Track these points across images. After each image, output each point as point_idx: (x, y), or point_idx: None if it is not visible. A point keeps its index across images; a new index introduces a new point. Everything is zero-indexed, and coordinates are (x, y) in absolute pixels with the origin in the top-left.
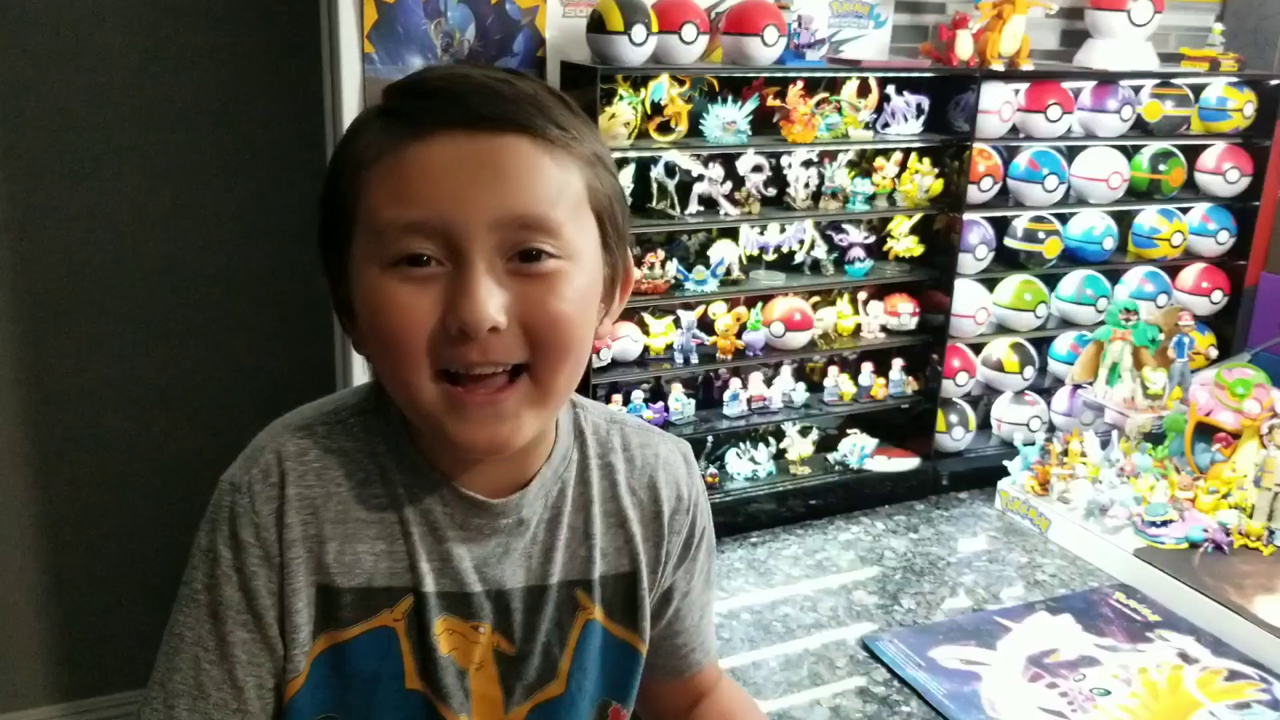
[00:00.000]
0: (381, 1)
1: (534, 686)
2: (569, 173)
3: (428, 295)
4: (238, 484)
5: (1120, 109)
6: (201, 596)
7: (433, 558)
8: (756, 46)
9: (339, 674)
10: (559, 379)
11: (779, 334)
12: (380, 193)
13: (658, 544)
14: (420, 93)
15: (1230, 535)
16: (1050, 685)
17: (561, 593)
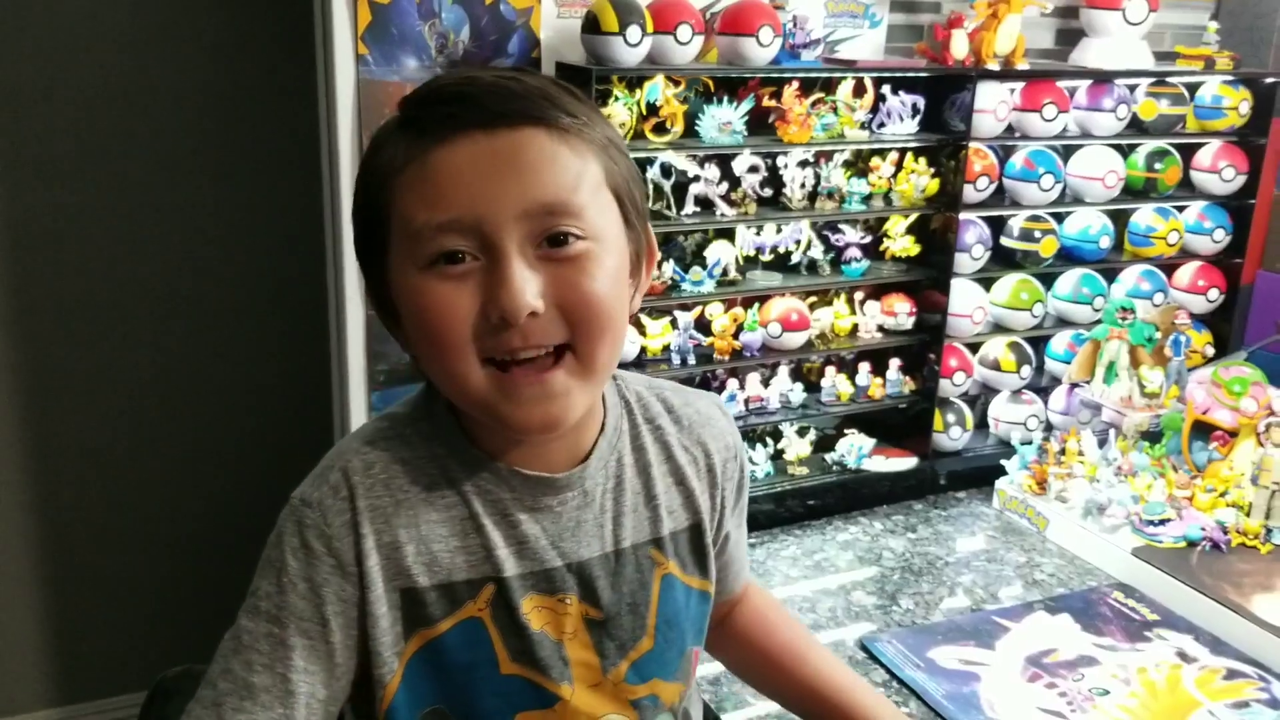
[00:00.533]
0: (375, 3)
1: (627, 645)
2: (585, 158)
3: (466, 290)
4: (308, 500)
5: (1116, 108)
6: (263, 604)
7: (509, 543)
8: (752, 47)
9: (436, 669)
10: (600, 354)
11: (776, 334)
12: (411, 198)
13: (713, 494)
14: (436, 100)
15: (1228, 534)
16: (1049, 685)
17: (637, 554)
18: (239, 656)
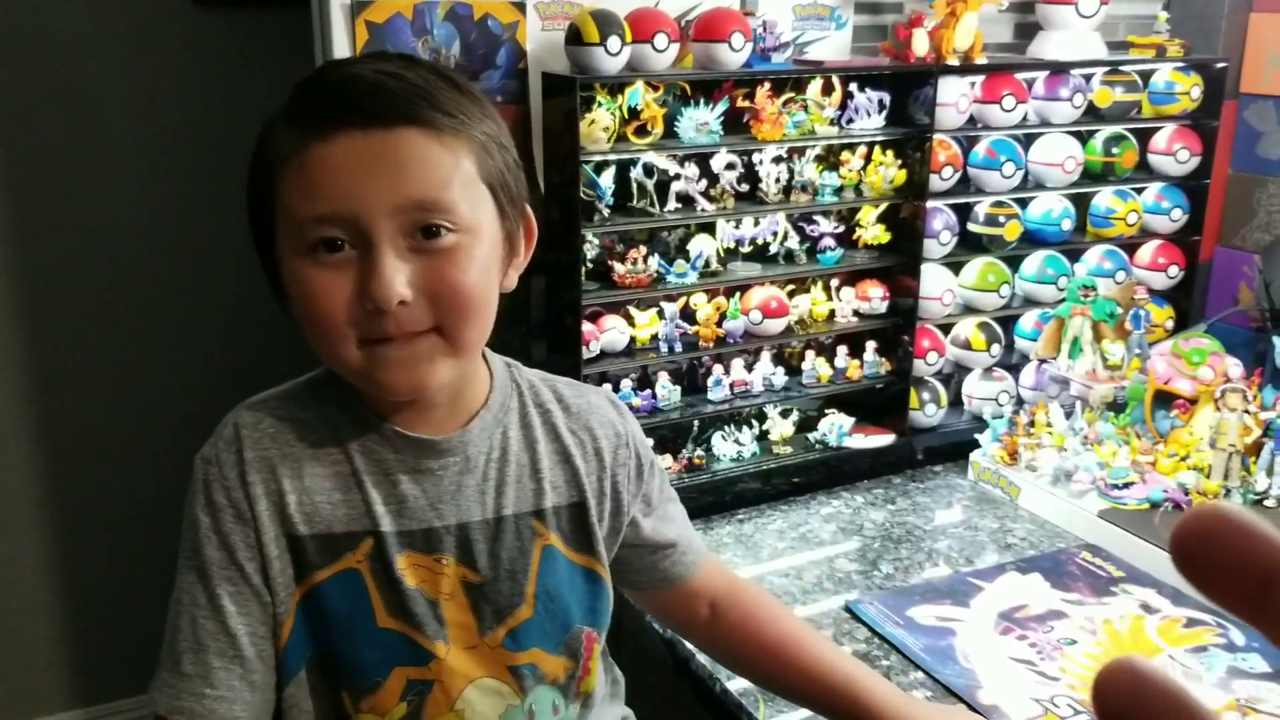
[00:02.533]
0: (371, 22)
1: (504, 611)
2: (458, 154)
3: (343, 277)
4: (207, 457)
5: (1072, 96)
6: (190, 561)
7: (389, 501)
8: (724, 52)
9: (320, 615)
10: (467, 335)
11: (757, 321)
12: (293, 189)
13: (601, 477)
14: (319, 97)
15: (1189, 495)
16: (1020, 637)
17: (518, 523)
18: (184, 615)
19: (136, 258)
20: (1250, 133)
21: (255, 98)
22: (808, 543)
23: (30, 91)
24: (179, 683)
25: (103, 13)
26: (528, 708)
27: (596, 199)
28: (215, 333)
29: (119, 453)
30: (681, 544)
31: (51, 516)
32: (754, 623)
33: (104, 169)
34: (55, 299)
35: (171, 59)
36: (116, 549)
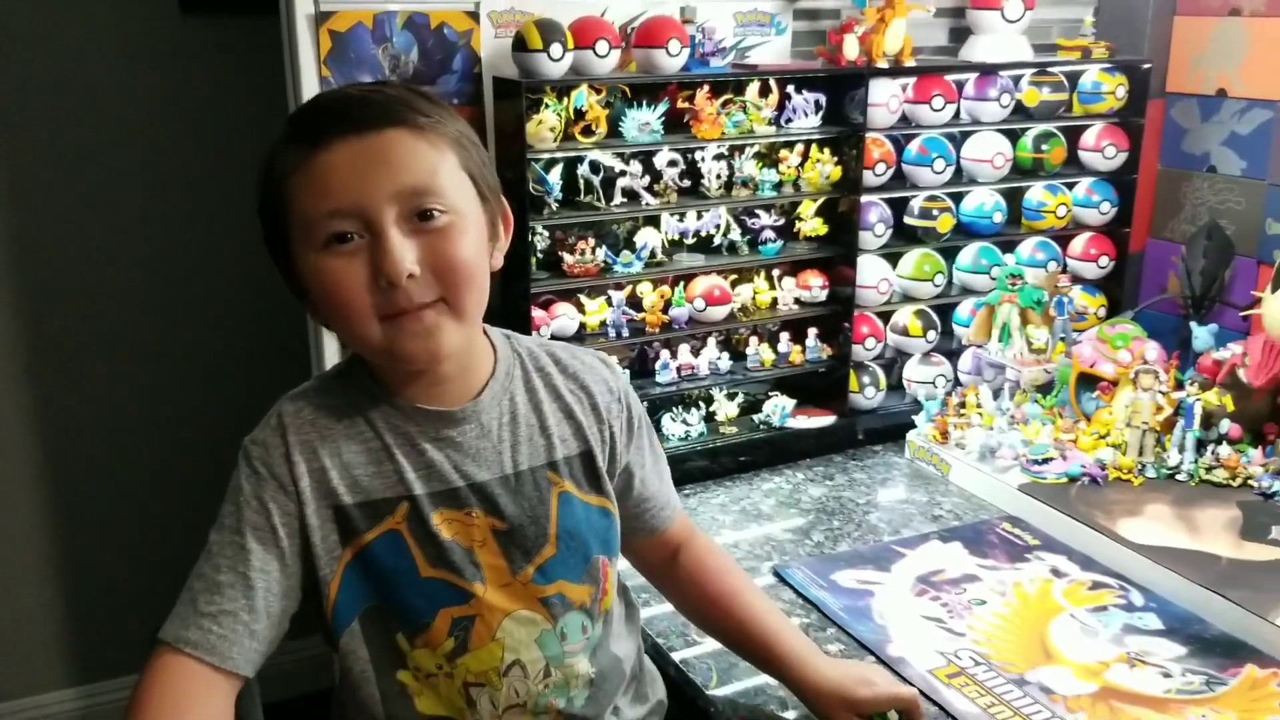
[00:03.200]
0: (334, 31)
1: (531, 552)
2: (440, 149)
3: (357, 263)
4: (256, 440)
5: (1000, 96)
6: (227, 521)
7: (418, 468)
8: (663, 57)
9: (368, 574)
10: (468, 302)
11: (701, 309)
12: (303, 195)
13: (600, 428)
14: (316, 115)
15: (1105, 469)
16: (934, 598)
17: (534, 475)
18: (209, 562)
19: (127, 251)
20: (1176, 130)
21: (237, 97)
22: (747, 514)
23: (23, 93)
24: (190, 617)
25: (94, 18)
26: (559, 631)
27: (545, 194)
28: (204, 317)
29: (117, 435)
30: (661, 499)
31: (50, 497)
32: (702, 574)
33: (97, 165)
34: (51, 285)
35: (160, 62)
36: (115, 529)
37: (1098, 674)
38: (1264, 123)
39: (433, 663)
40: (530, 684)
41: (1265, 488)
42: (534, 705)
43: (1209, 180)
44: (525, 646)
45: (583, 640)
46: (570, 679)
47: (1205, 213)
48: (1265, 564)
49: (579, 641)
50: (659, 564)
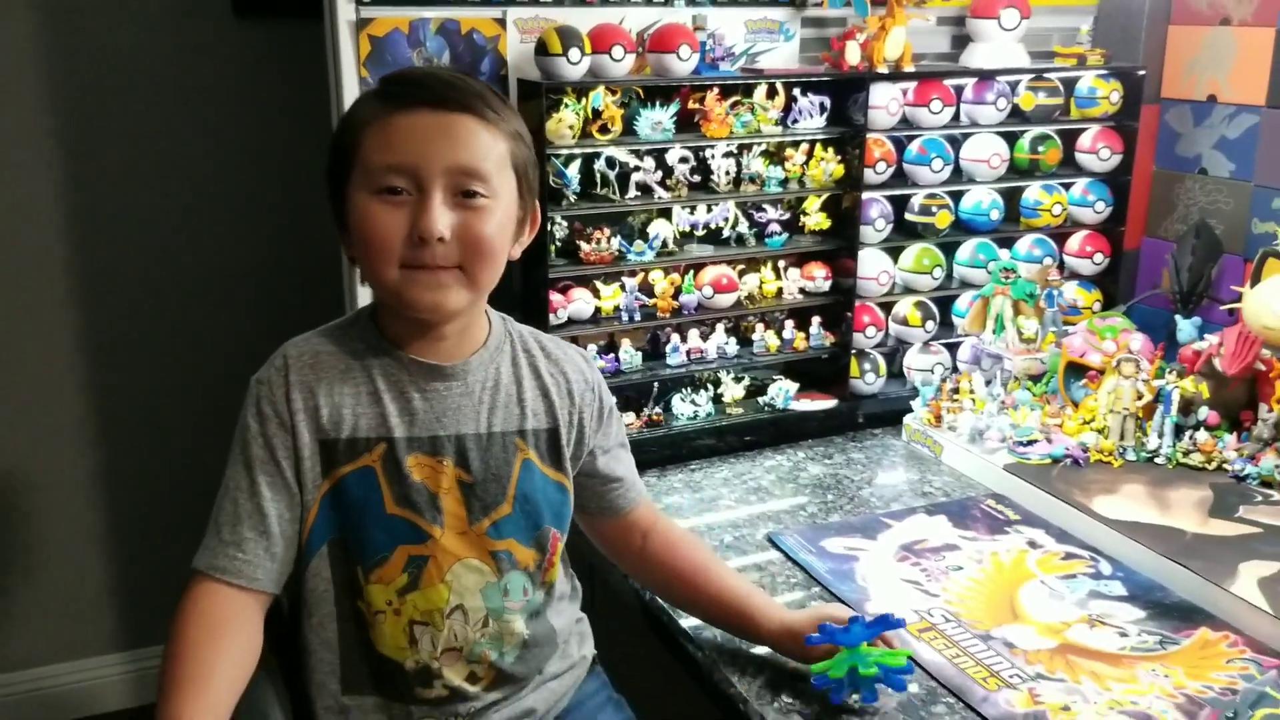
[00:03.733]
0: (373, 36)
1: (489, 507)
2: (498, 141)
3: (400, 214)
4: (260, 379)
5: (996, 100)
6: (239, 457)
7: (403, 414)
8: (674, 62)
9: (339, 504)
10: (482, 275)
11: (709, 296)
12: (373, 144)
13: (571, 411)
14: (405, 81)
15: (1087, 452)
16: (914, 564)
17: (504, 439)
18: (227, 496)
19: (180, 236)
20: (1171, 134)
21: (283, 95)
22: (747, 487)
23: (91, 94)
24: (217, 547)
25: (156, 24)
26: (503, 586)
27: (564, 186)
28: (246, 301)
29: (166, 413)
30: (626, 482)
31: (101, 471)
32: (673, 553)
33: (154, 158)
34: (109, 270)
35: (214, 62)
36: (162, 500)
37: (1059, 632)
38: (1251, 127)
39: (383, 599)
40: (469, 630)
41: (1238, 470)
42: (469, 652)
43: (1200, 181)
44: (470, 593)
45: (523, 600)
46: (505, 634)
47: (1197, 212)
48: (1229, 539)
49: (519, 601)
50: (631, 549)
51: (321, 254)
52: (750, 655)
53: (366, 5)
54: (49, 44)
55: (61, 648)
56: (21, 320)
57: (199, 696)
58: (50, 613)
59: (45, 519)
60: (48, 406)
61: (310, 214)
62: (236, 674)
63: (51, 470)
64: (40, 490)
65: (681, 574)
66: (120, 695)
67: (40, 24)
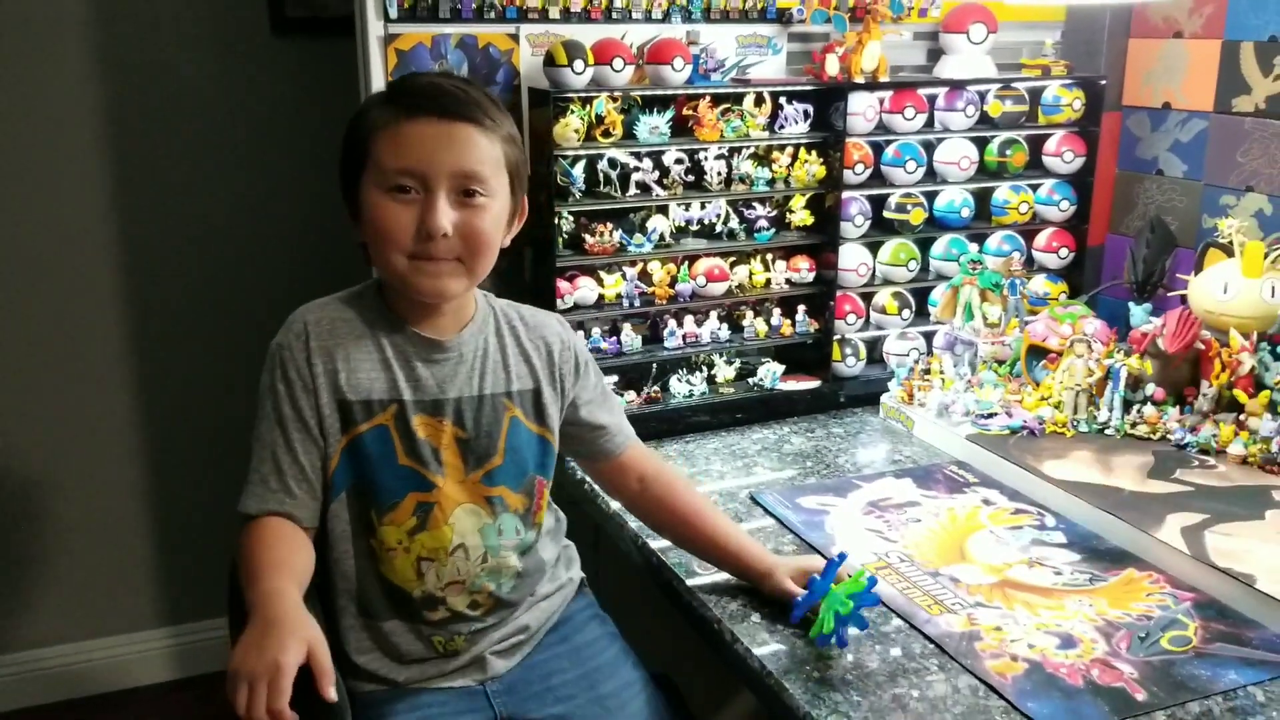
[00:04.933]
0: (400, 50)
1: (482, 458)
2: (494, 146)
3: (409, 210)
4: (282, 343)
5: (966, 108)
6: (271, 415)
7: (409, 380)
8: (668, 72)
9: (357, 457)
10: (478, 266)
11: (703, 285)
12: (385, 148)
13: (552, 371)
14: (412, 91)
15: (1043, 424)
16: (878, 517)
17: (494, 400)
18: (267, 450)
19: (219, 237)
20: (1131, 138)
21: (318, 106)
22: (736, 457)
23: (140, 108)
24: (266, 493)
25: (200, 43)
26: (497, 527)
27: (570, 185)
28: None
29: (206, 399)
30: (612, 428)
31: (146, 445)
32: (670, 497)
33: (196, 165)
34: (154, 267)
35: (255, 77)
36: (205, 480)
37: (1000, 571)
38: (1200, 131)
39: (395, 538)
40: (470, 565)
41: (1179, 439)
42: (470, 584)
43: (1157, 182)
44: (470, 534)
45: (515, 539)
46: (502, 568)
47: (1154, 210)
48: (1162, 495)
49: (512, 539)
50: (629, 488)
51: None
52: (727, 588)
53: (394, 22)
54: (101, 61)
55: (103, 623)
56: (72, 315)
57: (284, 573)
58: (92, 590)
59: (87, 500)
60: (92, 395)
61: (343, 217)
62: (305, 563)
63: (92, 451)
64: (82, 470)
65: (679, 517)
66: (159, 669)
67: (93, 43)
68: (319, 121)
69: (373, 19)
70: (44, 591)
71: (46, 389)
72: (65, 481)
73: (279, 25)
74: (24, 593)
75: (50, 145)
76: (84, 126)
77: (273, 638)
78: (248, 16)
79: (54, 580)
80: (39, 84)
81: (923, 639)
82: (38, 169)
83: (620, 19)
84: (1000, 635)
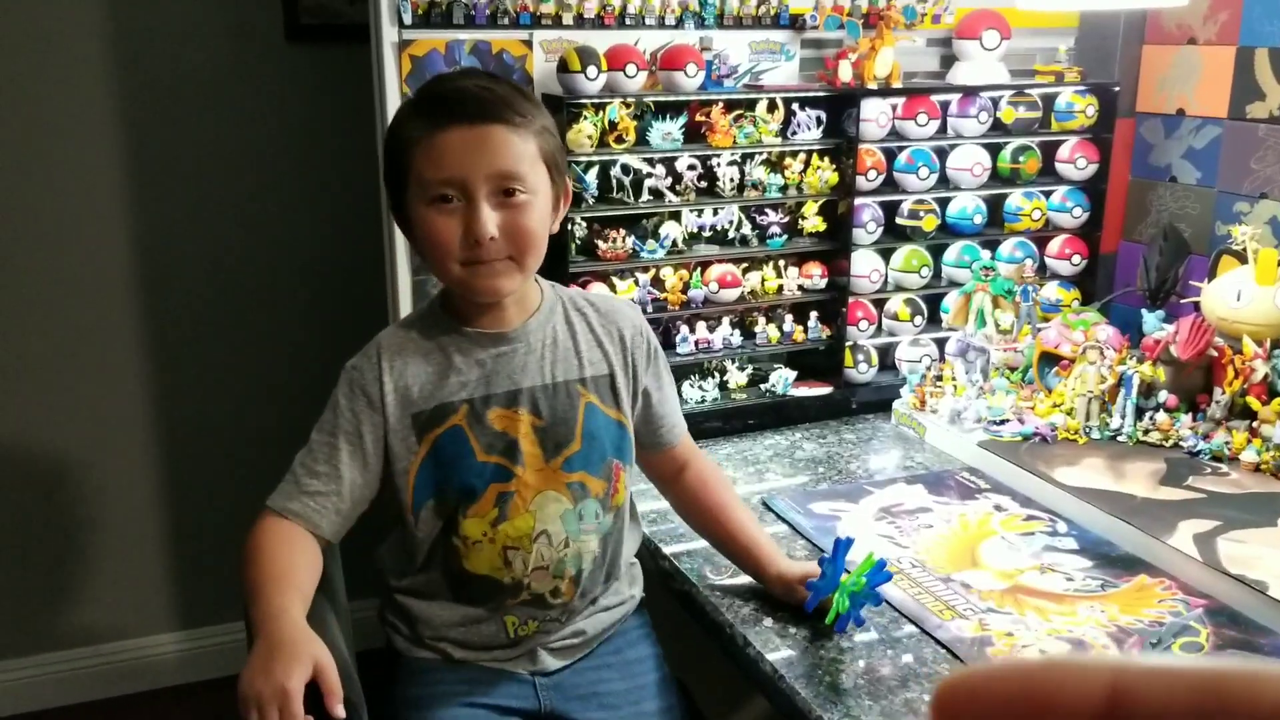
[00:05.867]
0: (414, 56)
1: (562, 445)
2: (528, 142)
3: (454, 220)
4: (355, 365)
5: (979, 114)
6: (326, 425)
7: (479, 377)
8: (682, 78)
9: (438, 461)
10: (529, 261)
11: (715, 291)
12: (423, 161)
13: (624, 355)
14: (440, 100)
15: (1055, 431)
16: (890, 523)
17: (568, 387)
18: (310, 455)
19: (236, 245)
20: (1145, 145)
21: (332, 111)
22: (748, 462)
23: (156, 111)
24: (294, 493)
25: (215, 47)
26: (578, 512)
27: (583, 191)
28: (296, 305)
29: (221, 406)
30: (673, 419)
31: (163, 448)
32: (703, 490)
33: (213, 172)
34: (170, 276)
35: (270, 82)
36: (219, 484)
37: (1012, 577)
38: (1214, 138)
39: (479, 530)
40: (554, 550)
41: (1191, 446)
42: (555, 569)
43: (1170, 189)
44: (552, 520)
45: (595, 524)
46: (584, 553)
47: (1167, 217)
48: (1174, 502)
49: (592, 524)
50: (670, 476)
51: (365, 256)
52: (739, 592)
53: (408, 28)
54: (118, 63)
55: (123, 625)
56: (91, 318)
57: (287, 589)
58: (112, 591)
59: (107, 503)
60: (112, 397)
61: (355, 220)
62: (310, 578)
63: (113, 456)
64: (103, 474)
65: (706, 508)
66: (177, 672)
67: (109, 45)
68: (334, 127)
69: (387, 25)
70: (63, 594)
71: (66, 392)
72: (85, 486)
73: (294, 32)
74: (44, 594)
75: (68, 152)
76: (100, 133)
77: (279, 661)
78: (262, 24)
79: (76, 583)
80: (57, 92)
81: (934, 644)
82: (55, 176)
83: (633, 25)
84: (1011, 641)
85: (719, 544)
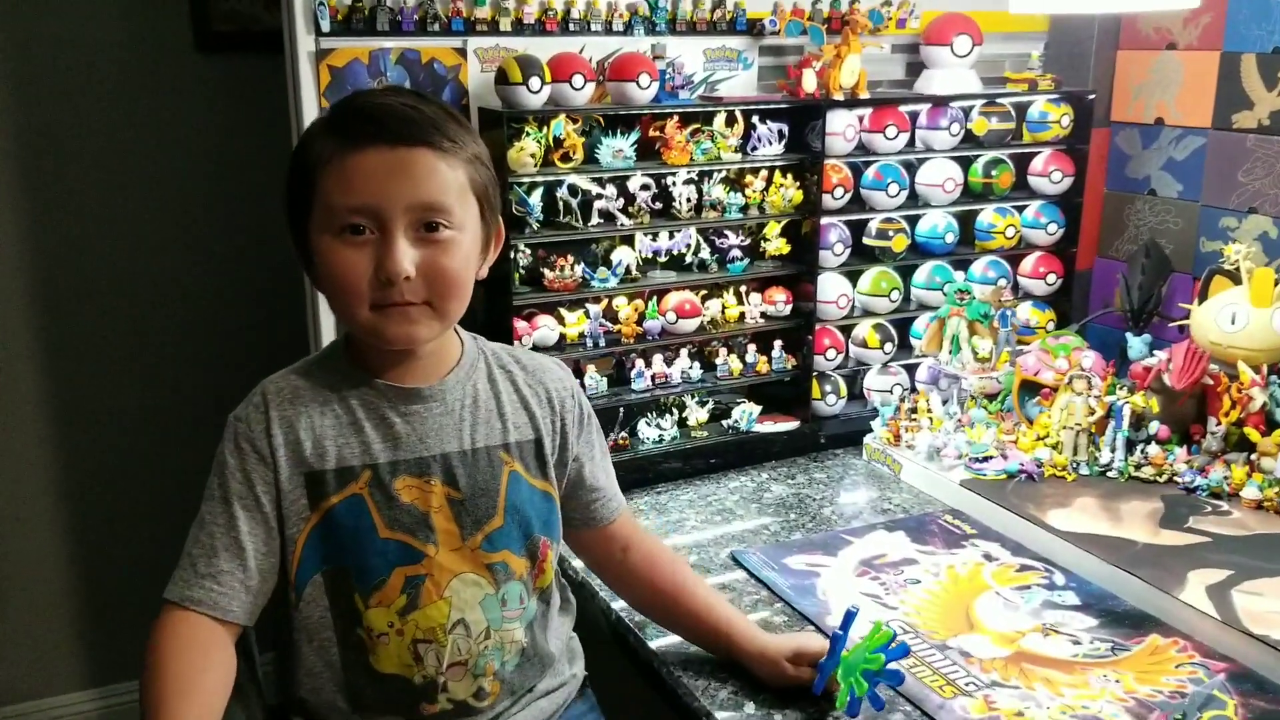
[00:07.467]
0: (333, 67)
1: (481, 521)
2: (456, 170)
3: (364, 255)
4: (240, 416)
5: (950, 125)
6: (216, 492)
7: (385, 439)
8: (634, 90)
9: (332, 534)
10: (451, 307)
11: (673, 321)
12: (331, 185)
13: (553, 420)
14: (357, 116)
15: (1041, 467)
16: (874, 579)
17: (489, 454)
18: (203, 530)
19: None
20: (1121, 156)
21: (245, 125)
22: (713, 510)
23: (58, 124)
24: (192, 579)
25: (120, 57)
26: (501, 597)
27: (527, 214)
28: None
29: (133, 445)
30: (608, 492)
31: (67, 504)
32: (652, 571)
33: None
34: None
35: (179, 95)
36: (131, 534)
37: (1014, 641)
38: (1197, 148)
39: (384, 621)
40: (472, 643)
41: (1187, 482)
42: (474, 665)
43: (1149, 202)
44: (470, 607)
45: (519, 609)
46: (507, 644)
47: (1147, 233)
48: (1178, 548)
49: (516, 609)
50: (610, 559)
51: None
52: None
53: (326, 36)
54: (11, 73)
55: (31, 685)
56: None
57: (187, 707)
58: (19, 650)
59: (12, 557)
60: (13, 444)
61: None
62: (217, 692)
63: (18, 508)
64: (7, 528)
65: (661, 591)
66: None
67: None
68: (247, 143)
69: (302, 33)
70: None
71: None
72: None
73: (204, 41)
74: None
75: None
76: None
77: None
78: (170, 31)
79: None
80: None
81: None
82: None
83: (578, 31)
84: None
85: (682, 629)
